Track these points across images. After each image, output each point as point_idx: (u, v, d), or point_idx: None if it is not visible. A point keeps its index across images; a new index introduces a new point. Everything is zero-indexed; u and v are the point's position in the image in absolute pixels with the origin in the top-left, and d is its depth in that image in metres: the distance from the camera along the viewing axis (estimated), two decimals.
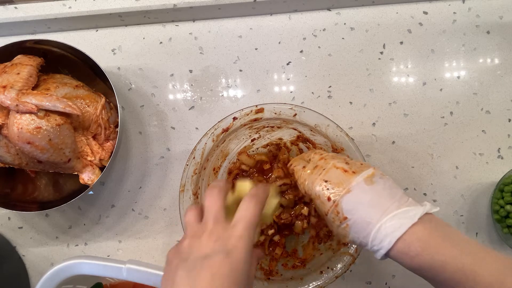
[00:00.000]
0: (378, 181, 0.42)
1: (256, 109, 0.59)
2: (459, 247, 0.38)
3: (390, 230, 0.39)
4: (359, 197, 0.42)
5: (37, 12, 0.65)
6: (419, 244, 0.39)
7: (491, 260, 0.38)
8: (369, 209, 0.41)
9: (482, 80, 0.68)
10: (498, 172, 0.67)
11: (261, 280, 0.60)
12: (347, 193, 0.42)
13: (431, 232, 0.39)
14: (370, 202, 0.41)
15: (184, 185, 0.59)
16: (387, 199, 0.41)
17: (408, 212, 0.40)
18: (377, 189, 0.42)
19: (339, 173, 0.43)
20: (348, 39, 0.69)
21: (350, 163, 0.45)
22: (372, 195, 0.41)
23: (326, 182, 0.44)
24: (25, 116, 0.53)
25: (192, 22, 0.70)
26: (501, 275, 0.37)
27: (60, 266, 0.61)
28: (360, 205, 0.41)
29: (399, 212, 0.40)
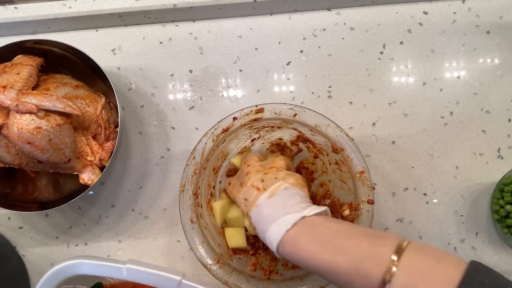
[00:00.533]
0: (279, 193, 0.49)
1: (256, 109, 0.59)
2: (323, 242, 0.43)
3: (273, 236, 0.46)
4: (261, 210, 0.48)
5: (37, 12, 0.65)
6: (289, 245, 0.45)
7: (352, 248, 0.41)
8: (265, 220, 0.48)
9: (482, 80, 0.68)
10: (498, 172, 0.67)
11: (261, 280, 0.60)
12: (254, 208, 0.49)
13: (299, 234, 0.45)
14: (266, 213, 0.48)
15: (184, 185, 0.59)
16: (278, 209, 0.47)
17: (288, 219, 0.46)
18: (275, 201, 0.48)
19: (253, 192, 0.50)
20: (348, 39, 0.69)
21: (265, 180, 0.51)
22: (269, 207, 0.48)
23: (246, 200, 0.51)
24: (25, 116, 0.53)
25: (192, 22, 0.70)
26: (356, 262, 0.40)
27: (60, 266, 0.61)
28: (260, 217, 0.48)
29: (281, 220, 0.46)
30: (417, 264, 0.38)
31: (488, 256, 0.67)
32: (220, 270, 0.59)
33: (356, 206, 0.59)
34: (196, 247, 0.59)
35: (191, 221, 0.59)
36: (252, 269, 0.60)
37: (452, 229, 0.67)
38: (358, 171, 0.58)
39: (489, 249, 0.67)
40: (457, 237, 0.67)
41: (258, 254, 0.62)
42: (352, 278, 0.40)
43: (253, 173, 0.52)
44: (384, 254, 0.39)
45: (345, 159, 0.59)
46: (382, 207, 0.67)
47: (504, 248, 0.67)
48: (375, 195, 0.66)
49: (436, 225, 0.67)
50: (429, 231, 0.67)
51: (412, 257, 0.38)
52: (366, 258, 0.40)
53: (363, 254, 0.40)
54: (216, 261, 0.59)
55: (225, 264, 0.59)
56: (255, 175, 0.52)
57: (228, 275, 0.59)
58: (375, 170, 0.67)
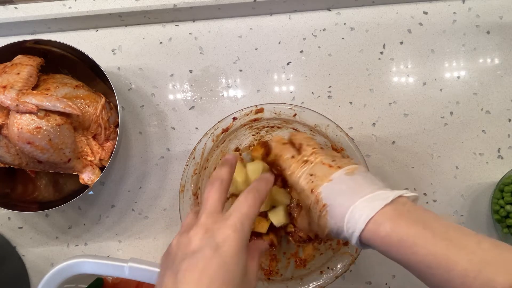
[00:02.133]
0: (359, 173, 0.43)
1: (256, 109, 0.59)
2: (433, 230, 0.37)
3: (363, 211, 0.39)
4: (339, 185, 0.42)
5: (37, 12, 0.65)
6: (388, 224, 0.38)
7: (472, 246, 0.35)
8: (346, 194, 0.41)
9: (482, 80, 0.68)
10: (498, 172, 0.67)
11: (261, 280, 0.60)
12: (328, 182, 0.43)
13: (402, 213, 0.38)
14: (348, 188, 0.42)
15: (184, 185, 0.59)
16: (365, 186, 0.41)
17: (382, 194, 0.40)
18: (357, 179, 0.42)
19: (325, 168, 0.44)
20: (348, 39, 0.69)
21: (336, 160, 0.45)
22: (351, 183, 0.42)
23: (312, 175, 0.44)
24: (25, 116, 0.53)
25: (192, 22, 0.70)
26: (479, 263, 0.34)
27: (62, 265, 0.62)
28: (338, 191, 0.42)
29: (373, 195, 0.40)
30: None
31: None
32: None
33: None
34: None
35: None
36: None
37: None
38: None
39: None
40: None
41: None
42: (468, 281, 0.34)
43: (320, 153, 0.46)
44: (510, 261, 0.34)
45: None
46: None
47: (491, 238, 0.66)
48: None
49: None
50: None
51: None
52: (491, 262, 0.34)
53: (486, 255, 0.35)
54: None
55: None
56: (323, 155, 0.46)
57: None
58: (375, 170, 0.67)
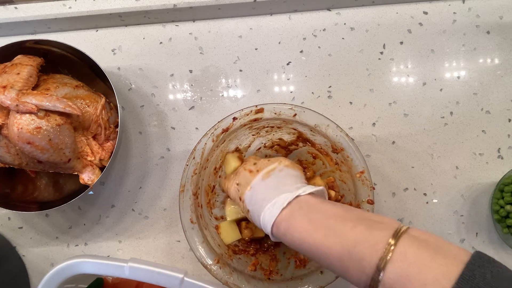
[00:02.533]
0: (274, 174, 0.48)
1: (256, 109, 0.59)
2: (315, 222, 0.41)
3: (268, 217, 0.44)
4: (255, 191, 0.47)
5: (37, 12, 0.65)
6: (283, 225, 0.43)
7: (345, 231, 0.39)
8: (259, 202, 0.46)
9: (482, 80, 0.68)
10: (498, 172, 0.67)
11: (261, 280, 0.60)
12: (248, 190, 0.48)
13: (293, 213, 0.43)
14: (261, 195, 0.46)
15: (184, 185, 0.59)
16: (273, 190, 0.46)
17: (283, 198, 0.44)
18: (269, 182, 0.47)
19: (247, 175, 0.49)
20: (348, 39, 0.69)
21: (257, 163, 0.50)
22: (263, 188, 0.47)
23: (238, 185, 0.50)
24: (25, 116, 0.53)
25: (192, 22, 0.70)
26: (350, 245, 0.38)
27: (62, 265, 0.61)
28: (254, 198, 0.47)
29: (277, 199, 0.45)
30: (414, 254, 0.35)
31: None
32: (220, 270, 0.59)
33: (356, 206, 0.59)
34: (196, 247, 0.59)
35: (191, 221, 0.59)
36: (252, 269, 0.60)
37: (452, 229, 0.67)
38: (358, 171, 0.58)
39: (489, 249, 0.67)
40: (457, 237, 0.67)
41: (259, 255, 0.62)
42: (345, 263, 0.38)
43: (246, 162, 0.52)
44: (379, 239, 0.37)
45: (345, 159, 0.59)
46: (382, 207, 0.67)
47: (504, 248, 0.67)
48: (375, 195, 0.66)
49: (436, 225, 0.67)
50: (429, 231, 0.66)
51: (409, 245, 0.36)
52: (360, 242, 0.38)
53: (357, 237, 0.38)
54: (216, 261, 0.59)
55: (225, 264, 0.59)
56: (248, 163, 0.51)
57: (228, 275, 0.59)
58: (375, 170, 0.67)
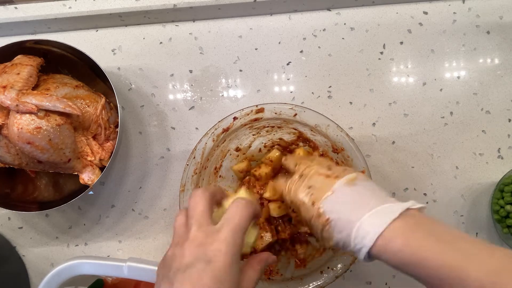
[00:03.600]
0: (360, 184, 0.43)
1: (256, 109, 0.59)
2: (446, 242, 0.37)
3: (370, 227, 0.38)
4: (341, 197, 0.41)
5: (37, 12, 0.65)
6: (400, 239, 0.37)
7: (484, 256, 0.35)
8: (350, 208, 0.40)
9: (482, 80, 0.68)
10: (498, 172, 0.67)
11: (261, 280, 0.60)
12: (329, 194, 0.42)
13: (412, 227, 0.38)
14: (351, 201, 0.41)
15: (185, 185, 0.59)
16: (369, 198, 0.41)
17: (389, 208, 0.39)
18: (359, 190, 0.42)
19: (322, 179, 0.44)
20: (348, 39, 0.69)
21: (332, 169, 0.45)
22: (354, 195, 0.41)
23: (310, 188, 0.44)
24: (25, 116, 0.53)
25: (192, 22, 0.70)
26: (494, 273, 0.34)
27: (61, 267, 0.62)
28: (341, 205, 0.41)
29: (380, 208, 0.39)
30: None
31: None
32: None
33: None
34: None
35: None
36: None
37: None
38: (359, 171, 0.58)
39: None
40: None
41: None
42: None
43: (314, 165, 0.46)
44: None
45: (345, 159, 0.59)
46: None
47: (504, 248, 0.66)
48: None
49: None
50: None
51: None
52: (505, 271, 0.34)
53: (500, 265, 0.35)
54: None
55: None
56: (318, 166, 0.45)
57: None
58: (375, 170, 0.67)
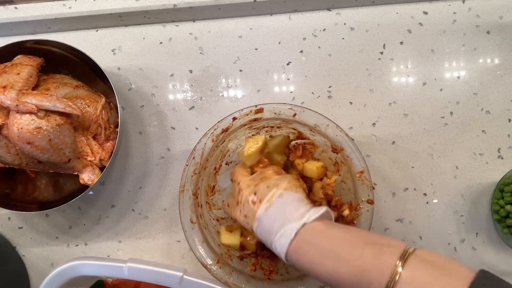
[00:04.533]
0: (275, 202, 0.47)
1: (255, 109, 0.59)
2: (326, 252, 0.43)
3: (279, 249, 0.46)
4: (262, 223, 0.47)
5: (37, 12, 0.65)
6: (294, 256, 0.45)
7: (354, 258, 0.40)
8: (268, 233, 0.47)
9: (482, 80, 0.68)
10: (498, 172, 0.67)
11: (261, 280, 0.60)
12: (255, 223, 0.48)
13: (302, 244, 0.44)
14: (267, 226, 0.47)
15: (184, 185, 0.59)
16: (278, 220, 0.46)
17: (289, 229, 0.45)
18: (273, 212, 0.47)
19: (250, 207, 0.49)
20: (348, 39, 0.69)
21: (258, 192, 0.49)
22: (269, 219, 0.47)
23: (246, 217, 0.49)
24: (25, 116, 0.53)
25: (192, 22, 0.70)
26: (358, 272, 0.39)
27: (62, 268, 0.61)
28: (263, 231, 0.48)
29: (283, 231, 0.45)
30: (419, 276, 0.37)
31: (488, 256, 0.67)
32: (220, 270, 0.59)
33: (356, 206, 0.59)
34: (196, 247, 0.59)
35: (191, 221, 0.59)
36: (252, 269, 0.60)
37: (452, 229, 0.67)
38: (358, 171, 0.58)
39: (489, 249, 0.67)
40: (457, 237, 0.67)
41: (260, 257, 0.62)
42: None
43: (245, 188, 0.51)
44: (386, 264, 0.38)
45: (345, 159, 0.59)
46: (382, 207, 0.67)
47: (504, 248, 0.66)
48: (375, 195, 0.66)
49: (436, 225, 0.67)
50: (429, 231, 0.67)
51: (415, 267, 0.37)
52: (368, 268, 0.39)
53: (365, 264, 0.40)
54: (216, 261, 0.59)
55: (225, 264, 0.59)
56: (247, 190, 0.50)
57: (228, 275, 0.59)
58: (375, 170, 0.67)
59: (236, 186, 0.52)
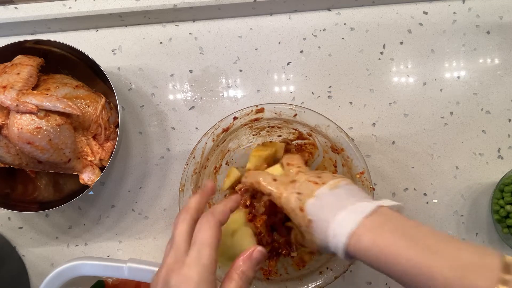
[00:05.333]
0: (342, 186, 0.44)
1: (256, 109, 0.59)
2: (412, 239, 0.37)
3: (343, 226, 0.40)
4: (322, 200, 0.43)
5: (37, 12, 0.65)
6: (369, 236, 0.38)
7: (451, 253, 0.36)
8: (328, 209, 0.42)
9: (482, 80, 0.68)
10: (498, 172, 0.67)
11: (260, 280, 0.60)
12: (311, 198, 0.44)
13: (381, 224, 0.38)
14: (330, 203, 0.43)
15: (184, 184, 0.59)
16: (345, 199, 0.42)
17: (361, 207, 0.40)
18: (339, 192, 0.43)
19: (311, 185, 0.45)
20: (348, 39, 0.69)
21: (322, 176, 0.46)
22: (333, 197, 0.43)
23: (299, 194, 0.45)
24: (25, 116, 0.53)
25: (192, 22, 0.70)
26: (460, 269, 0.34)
27: (62, 268, 0.62)
28: (321, 207, 0.43)
29: (353, 207, 0.40)
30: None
31: None
32: (219, 270, 0.59)
33: None
34: None
35: None
36: None
37: (452, 229, 0.67)
38: (358, 171, 0.58)
39: None
40: (457, 237, 0.67)
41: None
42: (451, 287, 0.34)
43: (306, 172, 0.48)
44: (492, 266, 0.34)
45: (345, 159, 0.59)
46: None
47: (504, 248, 0.67)
48: (375, 195, 0.66)
49: (436, 225, 0.67)
50: None
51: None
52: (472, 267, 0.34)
53: (466, 261, 0.35)
54: None
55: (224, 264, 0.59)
56: (310, 173, 0.47)
57: None
58: (375, 170, 0.67)
59: (294, 168, 0.50)
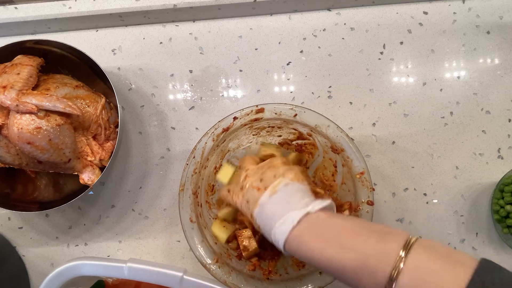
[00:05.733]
0: (280, 190, 0.47)
1: (256, 109, 0.59)
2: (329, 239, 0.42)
3: (278, 236, 0.45)
4: (263, 209, 0.47)
5: (37, 12, 0.65)
6: (295, 244, 0.44)
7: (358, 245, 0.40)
8: (268, 219, 0.46)
9: (482, 80, 0.68)
10: (498, 172, 0.67)
11: (260, 280, 0.60)
12: (257, 208, 0.47)
13: (303, 231, 0.44)
14: (270, 212, 0.46)
15: (184, 184, 0.59)
16: (281, 207, 0.46)
17: (290, 217, 0.44)
18: (277, 199, 0.47)
19: (255, 192, 0.48)
20: (348, 39, 0.69)
21: (264, 179, 0.49)
22: (271, 206, 0.47)
23: (247, 202, 0.49)
24: (25, 116, 0.53)
25: (192, 22, 0.70)
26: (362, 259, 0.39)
27: (62, 268, 0.62)
28: (263, 217, 0.47)
29: (283, 219, 0.45)
30: (424, 263, 0.37)
31: (488, 256, 0.66)
32: (219, 269, 0.59)
33: (356, 207, 0.59)
34: (196, 246, 0.59)
35: (191, 221, 0.59)
36: (251, 269, 0.60)
37: (452, 229, 0.67)
38: (358, 172, 0.58)
39: (489, 249, 0.67)
40: (457, 237, 0.67)
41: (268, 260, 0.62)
42: (359, 275, 0.40)
43: (251, 175, 0.51)
44: (391, 250, 0.38)
45: (345, 159, 0.59)
46: (382, 207, 0.67)
47: (504, 248, 0.67)
48: (375, 195, 0.66)
49: (436, 225, 0.67)
50: (429, 231, 0.67)
51: (420, 254, 0.38)
52: (373, 255, 0.39)
53: (369, 250, 0.40)
54: (215, 260, 0.59)
55: (224, 263, 0.59)
56: (253, 176, 0.50)
57: (227, 274, 0.59)
58: (375, 170, 0.67)
59: (243, 172, 0.52)
